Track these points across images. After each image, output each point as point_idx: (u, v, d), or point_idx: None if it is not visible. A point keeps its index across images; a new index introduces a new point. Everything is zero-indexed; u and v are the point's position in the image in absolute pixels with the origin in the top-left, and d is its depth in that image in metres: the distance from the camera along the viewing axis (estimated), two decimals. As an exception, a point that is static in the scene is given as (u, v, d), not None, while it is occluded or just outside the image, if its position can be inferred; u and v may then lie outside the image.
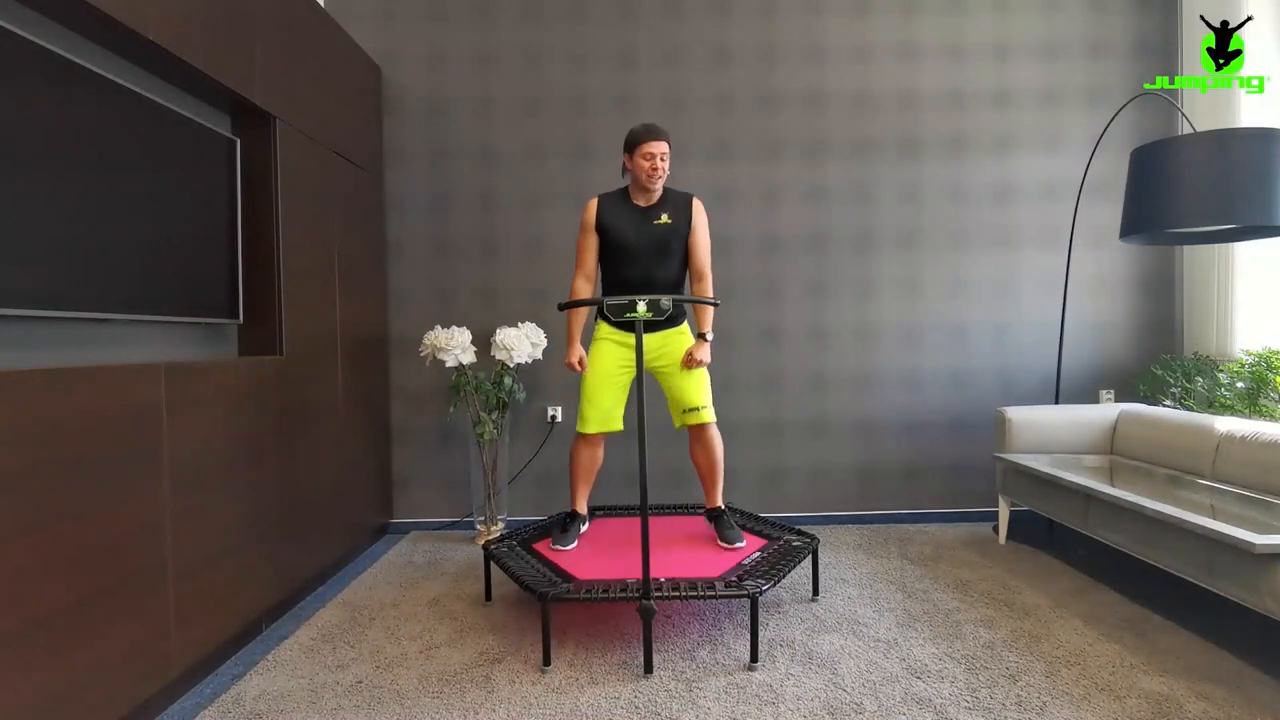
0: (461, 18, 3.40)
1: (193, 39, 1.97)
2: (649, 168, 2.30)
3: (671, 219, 2.35)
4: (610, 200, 2.41)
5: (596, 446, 2.49)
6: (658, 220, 2.35)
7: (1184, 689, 1.84)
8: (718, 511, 2.44)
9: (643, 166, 2.30)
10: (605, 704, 1.81)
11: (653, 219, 2.35)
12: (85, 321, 1.80)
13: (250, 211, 2.36)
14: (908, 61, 3.46)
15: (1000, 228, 3.49)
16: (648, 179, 2.31)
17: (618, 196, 2.42)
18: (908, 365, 3.48)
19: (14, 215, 1.51)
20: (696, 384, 2.40)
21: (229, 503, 2.07)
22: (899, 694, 1.84)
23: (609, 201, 2.41)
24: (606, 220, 2.38)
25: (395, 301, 3.42)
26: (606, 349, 2.38)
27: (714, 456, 2.45)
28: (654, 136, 2.29)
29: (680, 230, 2.36)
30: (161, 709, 1.81)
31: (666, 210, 2.36)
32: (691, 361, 2.37)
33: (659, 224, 2.34)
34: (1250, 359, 2.96)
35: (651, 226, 2.34)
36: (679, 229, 2.36)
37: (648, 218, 2.36)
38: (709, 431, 2.44)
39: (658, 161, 2.29)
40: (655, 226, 2.34)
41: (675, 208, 2.37)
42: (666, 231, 2.34)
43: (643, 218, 2.36)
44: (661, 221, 2.34)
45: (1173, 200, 2.55)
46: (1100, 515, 2.47)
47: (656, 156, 2.29)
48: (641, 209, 2.38)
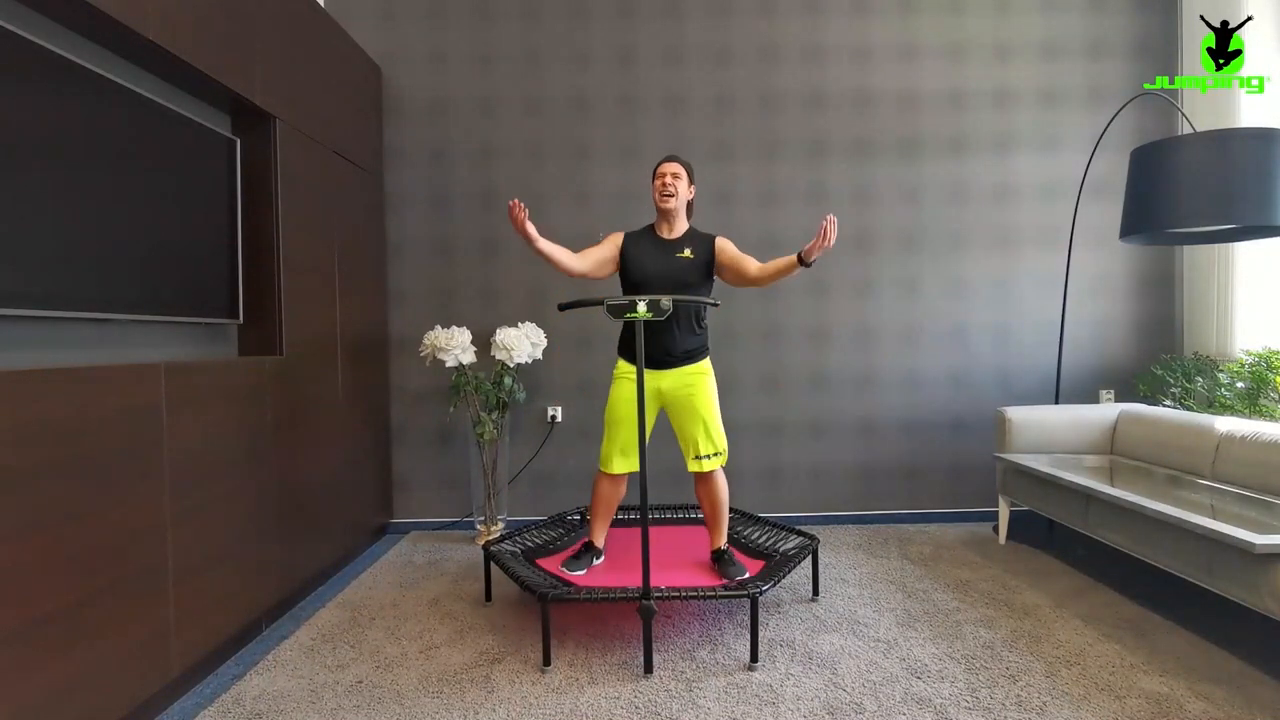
0: (461, 18, 3.40)
1: (193, 39, 1.97)
2: (659, 185, 2.36)
3: (694, 254, 2.36)
4: (636, 234, 2.45)
5: (619, 484, 2.44)
6: (680, 254, 2.37)
7: (1184, 689, 1.84)
8: (720, 553, 2.41)
9: (655, 187, 2.38)
10: (605, 704, 1.81)
11: (674, 251, 2.37)
12: (85, 321, 1.80)
13: (250, 211, 2.36)
14: (908, 61, 3.46)
15: (1000, 228, 3.49)
16: (658, 198, 2.36)
17: (643, 230, 2.46)
18: (908, 365, 3.48)
19: (14, 215, 1.51)
20: (709, 430, 2.35)
21: (229, 503, 2.07)
22: (899, 694, 1.84)
23: (635, 235, 2.45)
24: (630, 250, 2.40)
25: (395, 301, 3.42)
26: (626, 387, 2.34)
27: (718, 501, 2.40)
28: (664, 160, 2.40)
29: (700, 265, 2.36)
30: (161, 709, 1.81)
31: (689, 245, 2.38)
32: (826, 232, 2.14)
33: (680, 257, 2.36)
34: (1250, 359, 2.96)
35: (673, 259, 2.36)
36: (699, 265, 2.36)
37: (670, 250, 2.38)
38: (714, 477, 2.39)
39: (667, 179, 2.35)
40: (677, 259, 2.36)
41: (697, 244, 2.39)
42: (687, 266, 2.35)
43: (665, 249, 2.38)
44: (684, 255, 2.36)
45: (1173, 200, 2.55)
46: (1100, 515, 2.47)
47: (666, 175, 2.35)
48: (664, 241, 2.40)
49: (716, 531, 2.42)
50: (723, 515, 2.41)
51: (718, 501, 2.40)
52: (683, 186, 2.36)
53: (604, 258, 2.40)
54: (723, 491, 2.40)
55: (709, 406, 2.35)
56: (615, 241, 2.43)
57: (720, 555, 2.38)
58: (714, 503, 2.40)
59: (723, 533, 2.42)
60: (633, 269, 2.38)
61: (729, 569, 2.30)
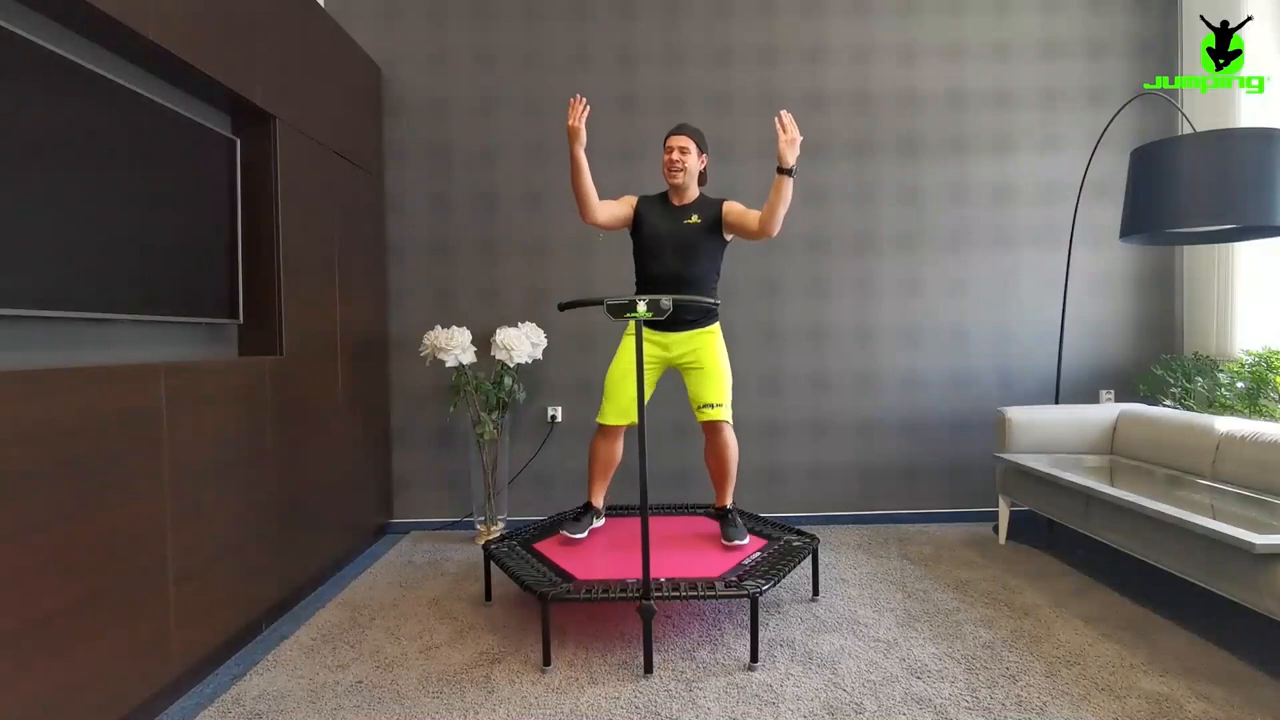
0: (461, 18, 3.40)
1: (193, 39, 1.97)
2: (667, 160, 2.44)
3: (701, 219, 2.43)
4: (650, 198, 2.54)
5: (614, 440, 2.52)
6: (688, 220, 2.44)
7: (1184, 689, 1.84)
8: (724, 511, 2.46)
9: (664, 160, 2.46)
10: (605, 704, 1.81)
11: (683, 218, 2.45)
12: (85, 321, 1.80)
13: (250, 211, 2.36)
14: (908, 61, 3.46)
15: (1000, 228, 3.49)
16: (667, 171, 2.44)
17: (657, 196, 2.55)
18: (908, 365, 3.48)
19: (14, 215, 1.51)
20: (715, 383, 2.44)
21: (229, 503, 2.07)
22: (899, 694, 1.84)
23: (649, 199, 2.53)
24: (643, 212, 2.49)
25: (395, 301, 3.42)
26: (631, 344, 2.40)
27: (725, 458, 2.48)
28: (673, 131, 2.46)
29: (708, 228, 2.44)
30: (161, 709, 1.81)
31: (697, 212, 2.45)
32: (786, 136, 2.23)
33: (689, 223, 2.44)
34: (1250, 359, 2.96)
35: (681, 225, 2.44)
36: (706, 228, 2.43)
37: (678, 216, 2.46)
38: (723, 433, 2.46)
39: (675, 154, 2.41)
40: (685, 225, 2.44)
41: (705, 209, 2.46)
42: (694, 231, 2.43)
43: (674, 215, 2.46)
44: (691, 221, 2.44)
45: (1173, 200, 2.55)
46: (1100, 515, 2.47)
47: (674, 150, 2.42)
48: (674, 207, 2.48)
49: (722, 490, 2.52)
50: (730, 473, 2.50)
51: (725, 459, 2.47)
52: (691, 160, 2.43)
53: (620, 215, 2.48)
54: (732, 449, 2.48)
55: (716, 362, 2.46)
56: (630, 202, 2.52)
57: (724, 514, 2.45)
58: (721, 460, 2.48)
59: (728, 492, 2.50)
60: (644, 230, 2.46)
61: (730, 530, 2.38)
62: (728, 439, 2.47)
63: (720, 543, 2.42)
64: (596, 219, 2.42)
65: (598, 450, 2.53)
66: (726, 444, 2.47)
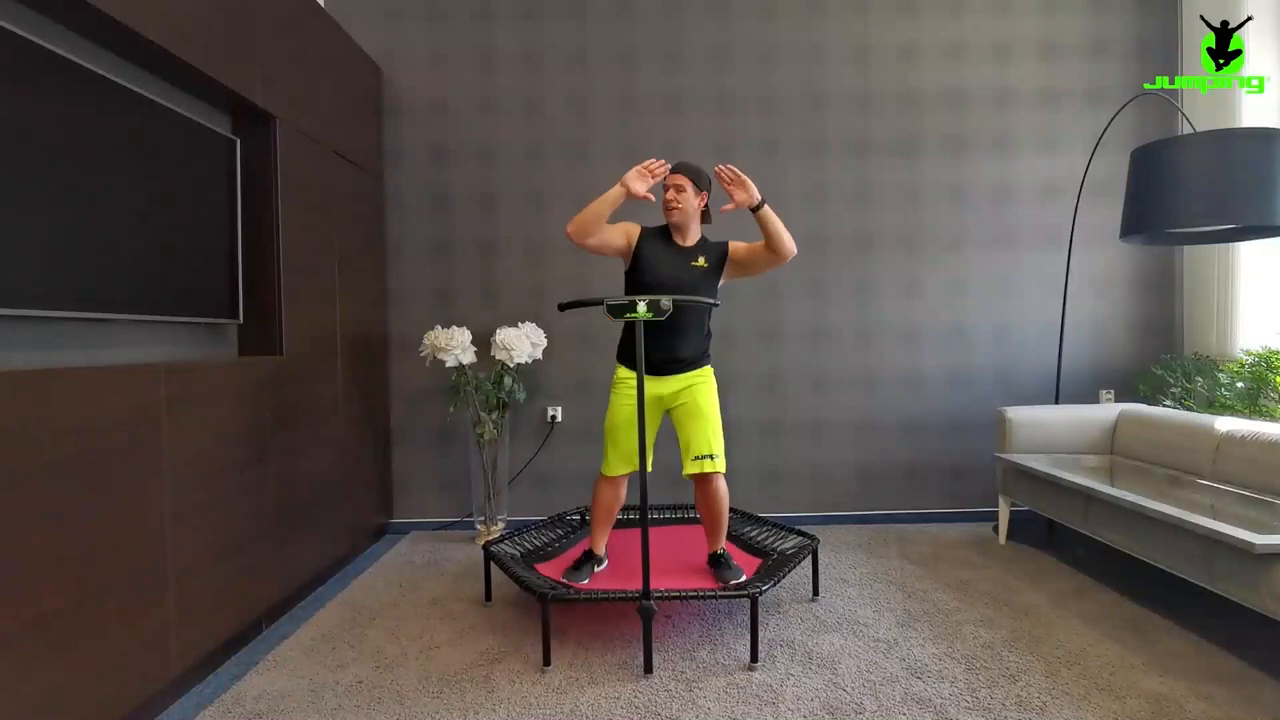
0: (461, 18, 3.40)
1: (193, 39, 1.97)
2: (665, 198, 2.30)
3: (707, 263, 2.31)
4: (652, 232, 2.35)
5: (620, 487, 2.39)
6: (694, 262, 2.30)
7: (1184, 689, 1.84)
8: (717, 556, 2.38)
9: (664, 196, 2.32)
10: (605, 704, 1.81)
11: (690, 260, 2.31)
12: (85, 321, 1.80)
13: (250, 211, 2.36)
14: (908, 61, 3.46)
15: (1000, 228, 3.49)
16: (664, 210, 2.31)
17: (659, 231, 2.36)
18: (908, 365, 3.48)
19: (14, 215, 1.51)
20: (709, 428, 2.30)
21: (229, 503, 2.07)
22: (899, 694, 1.84)
23: (651, 233, 2.35)
24: (644, 249, 2.31)
25: (395, 301, 3.41)
26: (626, 393, 2.31)
27: (717, 509, 2.34)
28: (672, 169, 2.28)
29: (713, 271, 2.32)
30: (161, 709, 1.81)
31: (704, 255, 2.32)
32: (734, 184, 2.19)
33: (695, 266, 2.30)
34: (1250, 359, 2.96)
35: (689, 267, 2.29)
36: (712, 270, 2.32)
37: (685, 258, 2.31)
38: (716, 483, 2.32)
39: (670, 193, 2.28)
40: (692, 268, 2.29)
41: (710, 252, 2.33)
42: (700, 275, 2.30)
43: (681, 256, 2.31)
44: (698, 264, 2.30)
45: (1173, 200, 2.55)
46: (1100, 515, 2.47)
47: (670, 189, 2.29)
48: (679, 247, 2.32)
49: (714, 537, 2.38)
50: (722, 524, 2.36)
51: (717, 511, 2.33)
52: (687, 199, 2.27)
53: (614, 244, 2.28)
54: (724, 500, 2.33)
55: (710, 408, 2.31)
56: (630, 235, 2.32)
57: (717, 559, 2.35)
58: (714, 511, 2.34)
59: (720, 539, 2.38)
60: (644, 270, 2.27)
61: (725, 572, 2.27)
62: (721, 489, 2.32)
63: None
64: (586, 242, 2.22)
65: (602, 497, 2.39)
66: (720, 495, 2.32)
